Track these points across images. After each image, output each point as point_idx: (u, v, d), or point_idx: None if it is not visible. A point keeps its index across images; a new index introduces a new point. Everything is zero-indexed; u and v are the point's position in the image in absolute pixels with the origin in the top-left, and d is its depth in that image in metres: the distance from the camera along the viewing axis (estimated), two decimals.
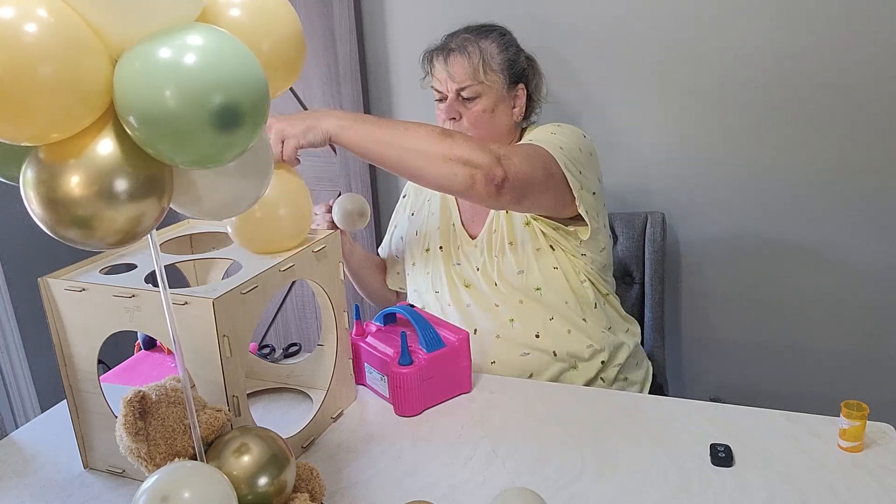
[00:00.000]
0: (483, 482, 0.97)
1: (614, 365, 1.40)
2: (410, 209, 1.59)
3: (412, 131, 1.17)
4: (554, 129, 1.40)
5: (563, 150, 1.31)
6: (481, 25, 1.46)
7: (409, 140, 1.16)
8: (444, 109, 1.42)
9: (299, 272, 1.04)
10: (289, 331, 2.34)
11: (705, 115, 1.73)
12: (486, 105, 1.41)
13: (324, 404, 1.12)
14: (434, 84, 1.44)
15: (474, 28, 1.45)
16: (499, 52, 1.42)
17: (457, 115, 1.41)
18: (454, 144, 1.17)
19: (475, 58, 1.39)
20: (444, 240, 1.49)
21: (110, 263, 1.05)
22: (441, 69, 1.41)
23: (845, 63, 1.59)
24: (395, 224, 1.65)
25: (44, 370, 2.18)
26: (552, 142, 1.32)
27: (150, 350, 1.37)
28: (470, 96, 1.40)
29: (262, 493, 0.81)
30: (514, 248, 1.40)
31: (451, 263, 1.46)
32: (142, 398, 0.83)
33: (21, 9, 0.58)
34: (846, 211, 1.68)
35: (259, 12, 0.75)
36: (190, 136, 0.62)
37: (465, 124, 1.41)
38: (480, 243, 1.45)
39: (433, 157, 1.16)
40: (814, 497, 0.91)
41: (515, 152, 1.24)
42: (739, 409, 1.11)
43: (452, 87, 1.40)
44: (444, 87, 1.41)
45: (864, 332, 1.76)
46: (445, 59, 1.40)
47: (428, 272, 1.49)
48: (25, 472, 1.05)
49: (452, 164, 1.16)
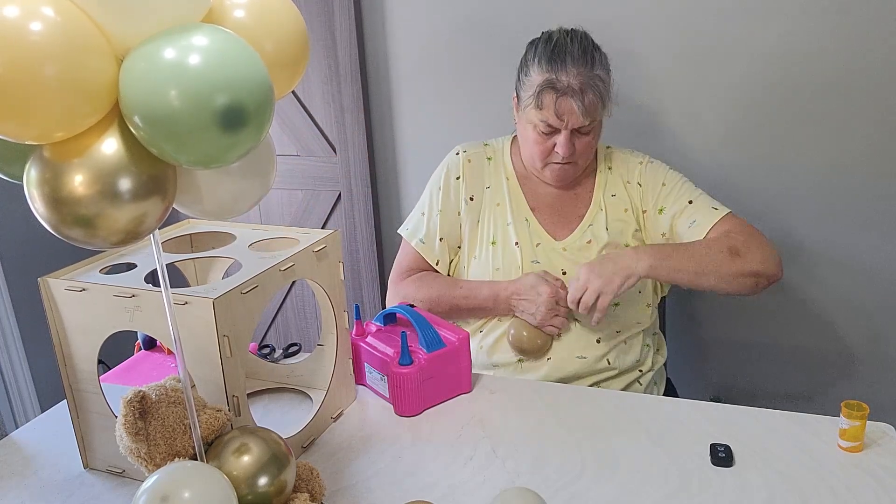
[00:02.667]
0: (483, 482, 0.97)
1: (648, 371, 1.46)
2: (468, 192, 1.47)
3: (706, 256, 1.29)
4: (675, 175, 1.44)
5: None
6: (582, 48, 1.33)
7: (704, 265, 1.29)
8: (561, 145, 1.33)
9: (299, 272, 1.04)
10: (289, 331, 2.34)
11: (705, 114, 1.73)
12: (595, 134, 1.38)
13: (324, 404, 1.12)
14: (546, 119, 1.32)
15: (580, 55, 1.31)
16: (608, 81, 1.35)
17: (573, 151, 1.35)
18: (745, 263, 1.29)
19: (605, 96, 1.32)
20: (520, 236, 1.43)
21: (110, 263, 1.05)
22: (565, 107, 1.30)
23: (847, 63, 1.59)
24: (438, 209, 1.48)
25: (44, 370, 2.17)
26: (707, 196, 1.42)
27: (150, 350, 1.37)
28: (586, 131, 1.35)
29: (262, 493, 0.81)
30: None
31: (530, 261, 1.41)
32: (142, 398, 0.83)
33: (27, 7, 0.58)
34: (846, 211, 1.69)
35: (263, 13, 0.75)
36: (194, 137, 0.62)
37: (578, 155, 1.37)
38: (571, 248, 1.42)
39: (727, 277, 1.29)
40: (814, 497, 0.91)
41: (765, 242, 1.35)
42: (739, 409, 1.11)
43: (574, 125, 1.32)
44: (561, 123, 1.32)
45: (865, 332, 1.76)
46: (572, 97, 1.29)
47: (497, 268, 1.42)
48: (25, 472, 1.05)
49: (744, 279, 1.29)
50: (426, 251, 1.48)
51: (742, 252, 1.30)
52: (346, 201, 2.13)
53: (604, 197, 1.45)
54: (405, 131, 2.04)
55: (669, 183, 1.43)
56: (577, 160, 1.38)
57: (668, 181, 1.43)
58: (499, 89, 1.84)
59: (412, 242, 1.50)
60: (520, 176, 1.48)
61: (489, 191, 1.47)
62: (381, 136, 2.07)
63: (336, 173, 2.12)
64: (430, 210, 1.50)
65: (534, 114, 1.34)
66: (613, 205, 1.44)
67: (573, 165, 1.39)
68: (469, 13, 1.86)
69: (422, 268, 1.50)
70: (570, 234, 1.43)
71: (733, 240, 1.32)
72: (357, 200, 2.11)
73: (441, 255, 1.48)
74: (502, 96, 1.84)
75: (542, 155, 1.38)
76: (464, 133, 1.94)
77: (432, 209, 1.49)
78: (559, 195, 1.46)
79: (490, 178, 1.48)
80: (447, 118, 1.98)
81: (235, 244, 1.12)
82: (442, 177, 1.49)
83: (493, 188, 1.47)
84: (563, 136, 1.33)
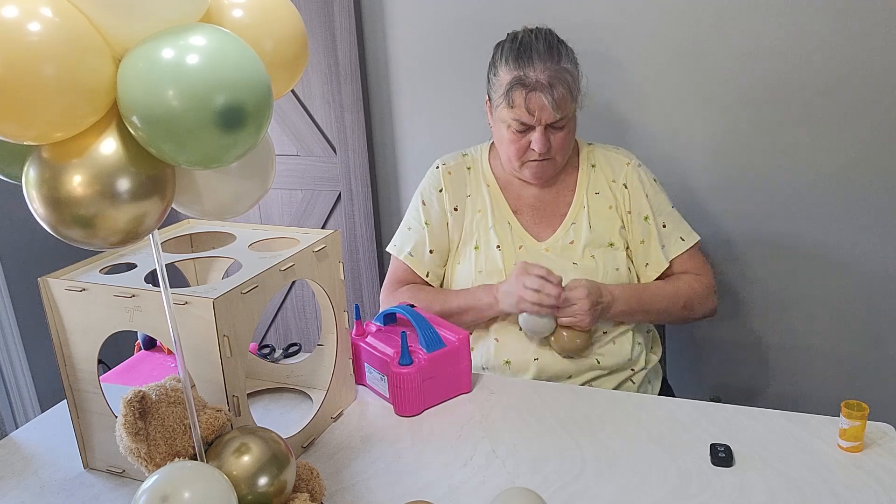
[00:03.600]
0: (483, 482, 0.97)
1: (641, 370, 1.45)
2: (451, 203, 1.49)
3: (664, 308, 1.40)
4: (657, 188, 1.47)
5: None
6: (548, 44, 1.35)
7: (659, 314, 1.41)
8: (536, 141, 1.35)
9: (299, 272, 1.04)
10: (289, 331, 2.34)
11: (706, 115, 1.73)
12: (570, 129, 1.38)
13: (324, 404, 1.12)
14: (519, 117, 1.34)
15: (545, 51, 1.33)
16: (576, 74, 1.36)
17: (549, 146, 1.36)
18: (691, 314, 1.43)
19: (574, 89, 1.34)
20: (501, 239, 1.44)
21: (110, 263, 1.05)
22: (536, 102, 1.31)
23: (848, 64, 1.59)
24: (424, 222, 1.50)
25: (44, 370, 2.18)
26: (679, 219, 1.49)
27: (150, 350, 1.37)
28: (560, 126, 1.36)
29: (262, 493, 0.81)
30: (596, 261, 1.41)
31: (513, 264, 1.39)
32: (142, 398, 0.83)
33: (25, 8, 0.58)
34: (847, 211, 1.68)
35: (262, 13, 0.75)
36: (193, 137, 0.62)
37: (555, 150, 1.37)
38: (553, 248, 1.43)
39: (677, 318, 1.44)
40: (814, 497, 0.91)
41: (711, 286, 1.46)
42: (739, 409, 1.11)
43: (547, 120, 1.33)
44: (533, 119, 1.33)
45: (865, 332, 1.76)
46: (541, 92, 1.30)
47: (480, 271, 1.43)
48: (25, 472, 1.05)
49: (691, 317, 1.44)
50: (416, 264, 1.49)
51: (694, 306, 1.42)
52: (346, 201, 2.13)
53: (587, 195, 1.46)
54: (405, 131, 2.04)
55: (651, 195, 1.45)
56: (554, 156, 1.39)
57: (651, 193, 1.45)
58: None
59: (401, 257, 1.50)
60: (500, 181, 1.49)
61: (470, 199, 1.49)
62: (381, 136, 2.07)
63: (336, 173, 2.12)
64: (416, 224, 1.51)
65: (506, 113, 1.35)
66: (597, 202, 1.45)
67: (551, 161, 1.40)
68: (469, 13, 1.86)
69: (412, 280, 1.50)
70: (553, 234, 1.44)
71: (690, 291, 1.42)
72: (357, 200, 2.11)
73: (431, 267, 1.49)
74: None
75: (519, 153, 1.39)
76: (464, 133, 1.94)
77: (419, 223, 1.50)
78: (540, 196, 1.47)
79: (470, 186, 1.50)
80: (447, 118, 1.98)
81: (235, 244, 1.12)
82: (425, 191, 1.52)
83: (473, 196, 1.49)
84: (538, 133, 1.35)
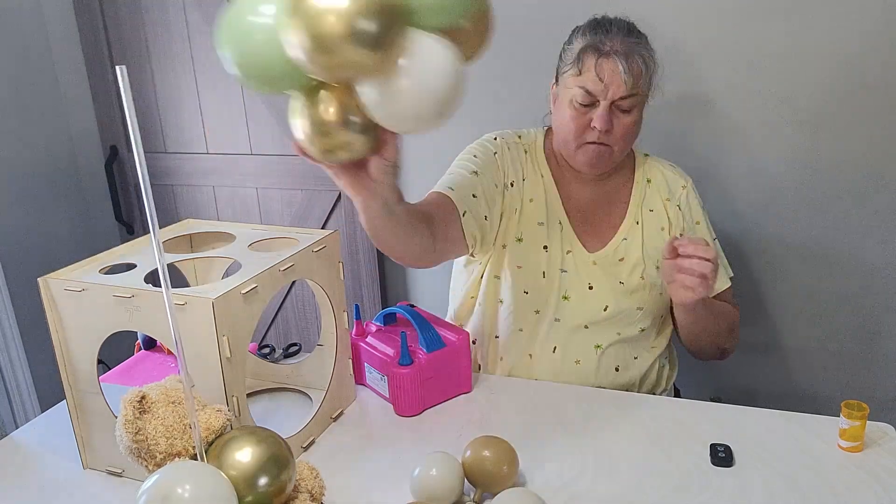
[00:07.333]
0: None
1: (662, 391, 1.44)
2: (507, 177, 1.34)
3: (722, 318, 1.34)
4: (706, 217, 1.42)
5: None
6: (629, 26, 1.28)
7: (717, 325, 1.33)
8: (599, 118, 1.23)
9: (299, 272, 1.04)
10: (289, 331, 2.34)
11: (706, 113, 1.73)
12: (636, 118, 1.27)
13: (324, 404, 1.12)
14: (585, 84, 1.23)
15: (626, 28, 1.27)
16: (654, 58, 1.28)
17: (610, 127, 1.24)
18: (730, 337, 1.38)
19: (651, 68, 1.25)
20: (550, 239, 1.33)
21: (110, 263, 1.05)
22: (608, 68, 1.21)
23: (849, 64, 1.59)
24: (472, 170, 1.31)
25: (44, 370, 2.17)
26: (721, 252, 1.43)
27: (150, 350, 1.37)
28: (626, 108, 1.24)
29: (262, 493, 0.81)
30: (644, 283, 1.34)
31: (558, 268, 1.33)
32: (142, 398, 0.83)
33: None
34: (846, 211, 1.68)
35: None
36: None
37: (616, 137, 1.26)
38: (602, 262, 1.34)
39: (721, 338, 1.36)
40: (814, 497, 0.91)
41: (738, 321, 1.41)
42: (739, 409, 1.11)
43: (616, 93, 1.22)
44: (602, 90, 1.22)
45: (864, 331, 1.76)
46: (617, 58, 1.21)
47: (519, 266, 1.33)
48: (25, 472, 1.05)
49: (723, 345, 1.38)
50: (457, 197, 1.25)
51: (733, 334, 1.39)
52: (346, 201, 2.13)
53: (641, 210, 1.37)
54: None
55: (702, 224, 1.40)
56: (613, 144, 1.27)
57: (701, 221, 1.40)
58: (500, 89, 1.84)
59: (440, 190, 1.28)
60: (555, 174, 1.37)
61: (525, 183, 1.35)
62: None
63: None
64: (461, 171, 1.31)
65: (573, 81, 1.24)
66: (650, 220, 1.36)
67: (608, 149, 1.27)
68: None
69: (448, 212, 1.24)
70: (604, 247, 1.34)
71: (735, 319, 1.39)
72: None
73: (470, 208, 1.26)
74: (503, 96, 1.84)
75: (578, 132, 1.26)
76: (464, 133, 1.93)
77: (465, 171, 1.31)
78: (593, 199, 1.37)
79: (527, 170, 1.36)
80: None
81: (235, 244, 1.12)
82: (479, 147, 1.36)
83: (529, 182, 1.35)
84: (602, 108, 1.23)
